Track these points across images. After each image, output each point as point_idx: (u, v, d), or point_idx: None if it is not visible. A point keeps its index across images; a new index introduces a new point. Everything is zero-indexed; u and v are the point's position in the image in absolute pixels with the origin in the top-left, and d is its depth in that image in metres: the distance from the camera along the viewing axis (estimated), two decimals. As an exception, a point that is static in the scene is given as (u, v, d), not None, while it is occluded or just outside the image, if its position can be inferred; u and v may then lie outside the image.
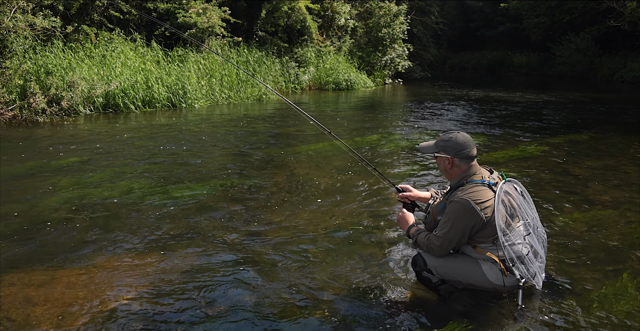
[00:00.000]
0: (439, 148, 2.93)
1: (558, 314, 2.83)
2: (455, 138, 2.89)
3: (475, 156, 2.89)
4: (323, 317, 2.79)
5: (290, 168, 6.21)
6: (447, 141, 2.90)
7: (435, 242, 2.87)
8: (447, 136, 2.93)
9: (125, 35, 12.30)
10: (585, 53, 26.15)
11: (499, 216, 2.71)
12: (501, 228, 2.71)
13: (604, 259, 3.61)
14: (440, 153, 2.93)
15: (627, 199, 5.06)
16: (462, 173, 2.90)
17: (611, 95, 17.90)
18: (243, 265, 3.46)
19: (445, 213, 2.84)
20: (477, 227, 2.78)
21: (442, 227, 2.84)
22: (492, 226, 2.75)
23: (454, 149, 2.87)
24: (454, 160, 2.88)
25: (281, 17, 16.09)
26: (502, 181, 2.86)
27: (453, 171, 2.93)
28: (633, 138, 8.66)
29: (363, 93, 17.46)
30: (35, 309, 2.84)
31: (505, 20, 35.62)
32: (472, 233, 2.81)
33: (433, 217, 3.00)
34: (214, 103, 12.54)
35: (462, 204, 2.75)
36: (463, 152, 2.85)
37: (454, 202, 2.80)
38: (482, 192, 2.77)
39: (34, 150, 6.77)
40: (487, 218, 2.75)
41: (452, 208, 2.79)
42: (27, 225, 4.12)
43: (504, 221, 2.75)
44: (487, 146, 7.83)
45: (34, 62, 9.67)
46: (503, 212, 2.76)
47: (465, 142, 2.87)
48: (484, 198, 2.75)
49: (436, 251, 2.90)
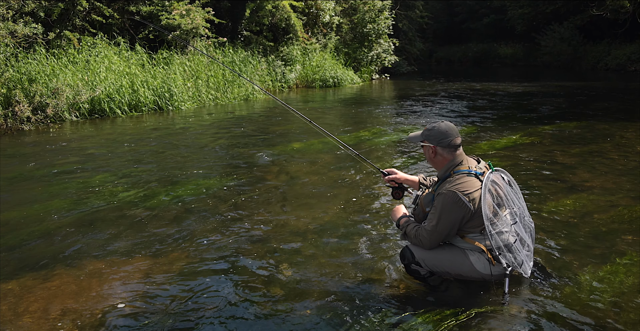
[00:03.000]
0: (423, 137, 2.96)
1: (546, 301, 2.86)
2: (438, 127, 2.90)
3: (458, 145, 2.89)
4: (314, 312, 2.80)
5: (279, 166, 6.20)
6: (430, 130, 2.91)
7: (424, 234, 2.87)
8: (430, 125, 2.94)
9: (108, 40, 12.21)
10: (569, 42, 26.37)
11: (485, 205, 2.73)
12: (488, 217, 2.73)
13: (592, 245, 3.64)
14: (424, 142, 2.95)
15: (613, 185, 5.11)
16: (447, 163, 2.91)
17: (596, 83, 18.05)
18: (234, 264, 3.45)
19: (434, 206, 2.85)
20: (466, 218, 2.79)
21: (431, 220, 2.85)
22: (479, 216, 2.77)
23: (436, 138, 2.88)
24: (437, 148, 2.89)
25: (265, 16, 16.06)
26: (489, 170, 2.87)
27: (437, 160, 2.94)
28: (618, 125, 8.74)
29: (350, 89, 17.47)
30: (25, 317, 2.82)
31: (490, 12, 35.84)
32: (462, 224, 2.82)
33: (422, 208, 3.01)
34: (201, 104, 12.49)
35: (449, 196, 2.76)
36: (445, 140, 2.86)
37: (441, 195, 2.80)
38: (469, 183, 2.78)
39: (21, 159, 6.71)
40: (475, 208, 2.76)
41: (440, 200, 2.80)
42: (15, 232, 4.08)
43: (491, 210, 2.76)
44: (474, 136, 7.87)
45: (17, 69, 9.57)
46: (490, 201, 2.77)
47: (447, 131, 2.87)
48: (471, 188, 2.76)
49: (425, 244, 2.91)
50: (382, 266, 3.37)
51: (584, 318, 2.69)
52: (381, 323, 2.69)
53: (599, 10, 21.99)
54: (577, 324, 2.64)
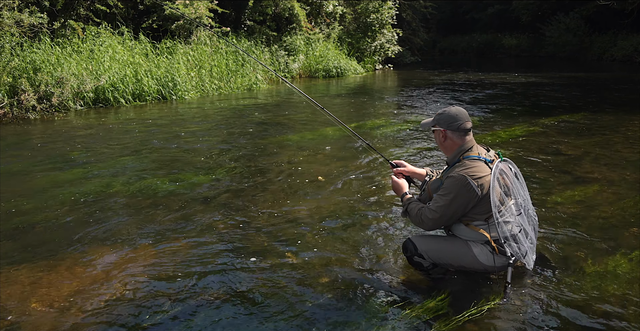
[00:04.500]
0: (434, 122, 2.98)
1: (550, 293, 2.87)
2: (448, 111, 2.92)
3: (468, 129, 2.89)
4: (316, 303, 2.83)
5: (284, 155, 6.22)
6: (441, 114, 2.94)
7: (428, 215, 2.84)
8: (441, 110, 2.97)
9: (112, 29, 12.18)
10: (575, 33, 26.18)
11: (493, 192, 2.74)
12: (496, 204, 2.74)
13: (596, 237, 3.65)
14: (435, 127, 2.97)
15: (618, 177, 5.11)
16: (457, 147, 2.91)
17: (602, 74, 17.96)
18: (238, 253, 3.48)
19: (442, 188, 2.83)
20: (472, 203, 2.79)
21: (437, 201, 2.83)
22: (486, 203, 2.77)
23: (447, 121, 2.89)
24: (447, 132, 2.90)
25: (269, 6, 15.98)
26: (498, 159, 2.88)
27: (447, 144, 2.94)
28: (624, 117, 8.72)
29: (354, 79, 17.42)
30: (32, 304, 2.86)
31: (494, 2, 35.48)
32: (467, 209, 2.82)
33: (429, 194, 3.01)
34: (205, 94, 12.48)
35: (459, 179, 2.75)
36: (455, 124, 2.87)
37: (451, 177, 2.80)
38: (479, 167, 2.79)
39: (26, 147, 6.74)
40: (483, 194, 2.76)
41: (450, 183, 2.79)
42: (23, 220, 4.12)
43: (498, 198, 2.78)
44: (479, 127, 7.86)
45: (22, 59, 9.57)
46: (498, 189, 2.79)
47: (458, 115, 2.89)
48: (480, 173, 2.76)
49: (426, 224, 2.87)
50: (386, 257, 3.39)
51: (588, 311, 2.71)
52: (383, 315, 2.72)
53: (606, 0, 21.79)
54: (581, 317, 2.66)
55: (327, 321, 2.65)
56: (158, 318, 2.72)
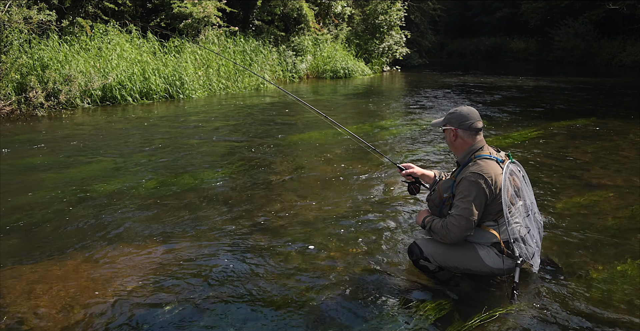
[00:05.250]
0: (445, 121, 2.97)
1: (556, 298, 2.84)
2: (459, 110, 2.92)
3: (479, 128, 2.88)
4: (321, 304, 2.81)
5: (291, 156, 6.20)
6: (452, 113, 2.93)
7: (453, 222, 2.77)
8: (453, 109, 2.97)
9: (120, 27, 12.22)
10: (584, 37, 26.02)
11: (505, 192, 2.72)
12: (507, 203, 2.72)
13: (604, 242, 3.61)
14: (446, 126, 2.96)
15: (626, 183, 5.07)
16: (468, 147, 2.89)
17: (610, 80, 17.85)
18: (244, 253, 3.46)
19: (459, 192, 2.78)
20: (488, 201, 2.77)
21: (457, 206, 2.78)
22: (496, 202, 2.76)
23: (457, 120, 2.89)
24: (458, 131, 2.89)
25: (277, 6, 15.99)
26: (508, 160, 2.88)
27: (458, 143, 2.93)
28: (632, 123, 8.65)
29: (361, 81, 17.40)
30: (38, 302, 2.85)
31: (503, 6, 35.39)
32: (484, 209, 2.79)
33: (439, 194, 2.97)
34: (212, 93, 12.50)
35: (474, 179, 2.74)
36: (466, 122, 2.86)
37: (465, 179, 2.77)
38: (490, 166, 2.78)
39: (33, 144, 6.76)
40: (496, 193, 2.75)
41: (466, 185, 2.75)
42: (29, 217, 4.12)
43: (509, 198, 2.77)
44: (487, 131, 7.82)
45: (30, 56, 9.61)
46: (510, 188, 2.78)
47: (469, 114, 2.88)
48: (494, 172, 2.76)
49: (455, 233, 2.78)
50: (391, 260, 3.37)
51: (594, 317, 2.68)
52: (389, 318, 2.69)
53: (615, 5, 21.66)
54: (587, 323, 2.63)
55: (333, 323, 2.63)
56: (164, 317, 2.71)
